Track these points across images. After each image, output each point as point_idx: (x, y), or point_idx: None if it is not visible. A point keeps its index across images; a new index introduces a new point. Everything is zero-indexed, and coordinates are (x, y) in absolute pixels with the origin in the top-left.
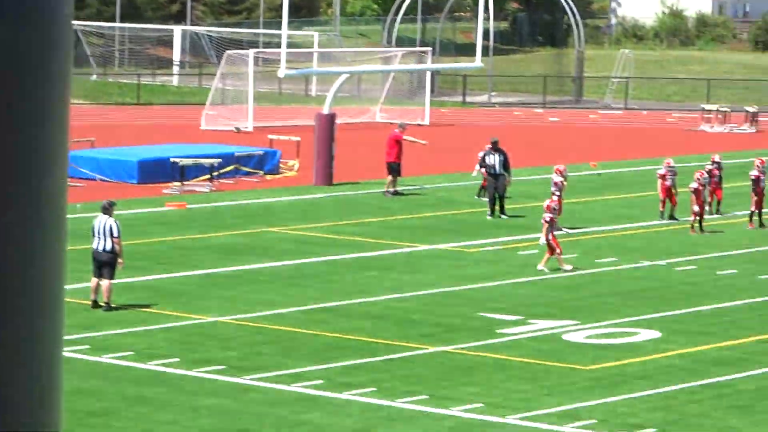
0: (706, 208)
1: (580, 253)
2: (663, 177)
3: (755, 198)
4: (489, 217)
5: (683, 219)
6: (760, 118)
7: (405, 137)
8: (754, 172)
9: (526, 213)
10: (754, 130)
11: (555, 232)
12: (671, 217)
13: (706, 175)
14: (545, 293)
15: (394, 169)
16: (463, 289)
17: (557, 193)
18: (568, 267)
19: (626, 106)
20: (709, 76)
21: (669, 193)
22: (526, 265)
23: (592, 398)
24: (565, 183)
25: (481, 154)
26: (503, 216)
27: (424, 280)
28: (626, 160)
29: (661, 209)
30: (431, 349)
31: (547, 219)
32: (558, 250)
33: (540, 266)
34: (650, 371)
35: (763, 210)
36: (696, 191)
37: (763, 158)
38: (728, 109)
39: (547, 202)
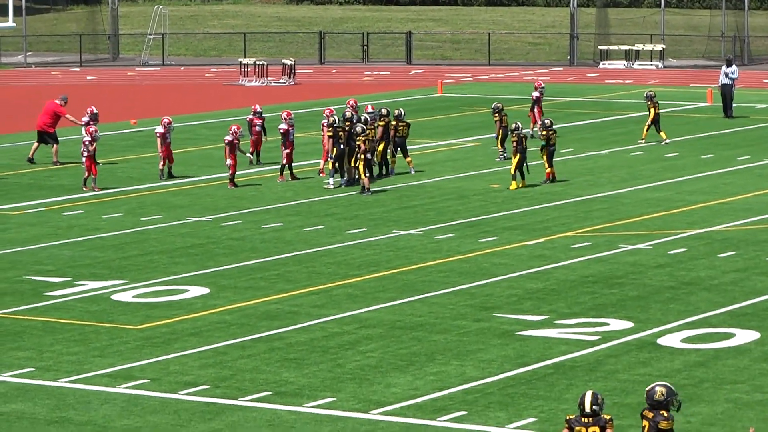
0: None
1: (125, 212)
2: (163, 135)
3: (286, 151)
4: None
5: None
6: (297, 71)
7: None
8: (282, 126)
9: (66, 175)
10: (293, 83)
11: None
12: (170, 176)
13: (242, 129)
14: (92, 253)
15: None
16: (8, 252)
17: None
18: None
19: (164, 63)
20: (245, 30)
21: (168, 151)
22: (71, 226)
23: (144, 357)
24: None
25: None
26: None
27: None
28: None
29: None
30: None
31: None
32: None
33: None
34: (201, 328)
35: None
36: (231, 144)
37: (291, 111)
38: (265, 62)
39: None
